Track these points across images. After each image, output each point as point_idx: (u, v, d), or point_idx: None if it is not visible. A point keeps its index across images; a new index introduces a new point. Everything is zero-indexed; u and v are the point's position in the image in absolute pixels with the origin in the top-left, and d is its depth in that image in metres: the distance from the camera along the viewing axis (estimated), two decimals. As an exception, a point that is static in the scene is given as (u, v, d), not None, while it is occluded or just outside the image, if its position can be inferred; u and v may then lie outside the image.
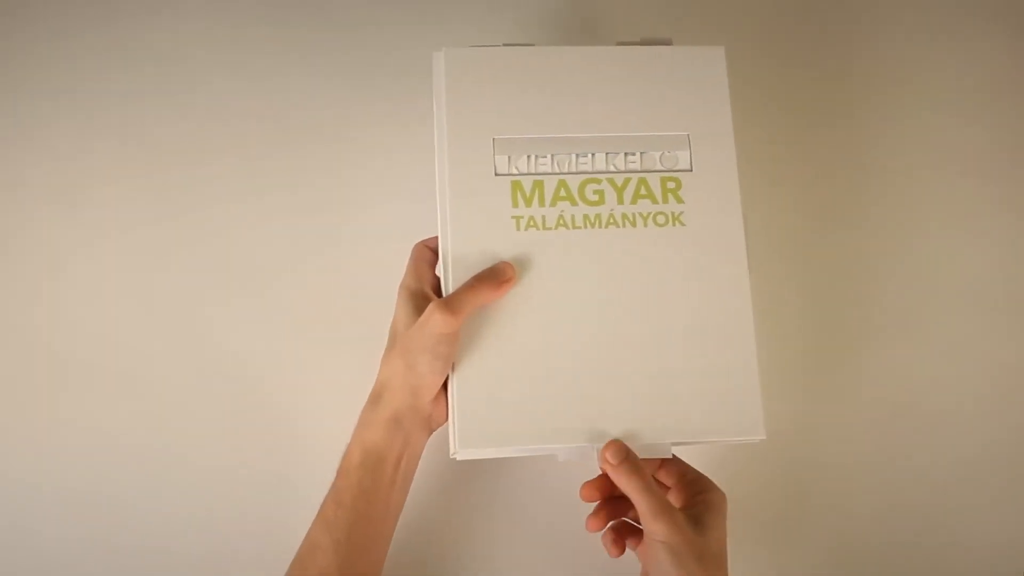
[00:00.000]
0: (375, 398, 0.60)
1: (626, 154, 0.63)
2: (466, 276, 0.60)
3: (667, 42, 0.66)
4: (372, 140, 0.76)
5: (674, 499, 0.60)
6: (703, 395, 0.60)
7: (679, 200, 0.63)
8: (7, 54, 0.77)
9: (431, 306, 0.57)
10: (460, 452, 0.60)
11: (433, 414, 0.60)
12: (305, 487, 0.68)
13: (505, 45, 0.65)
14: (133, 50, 0.77)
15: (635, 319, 0.61)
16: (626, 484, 0.57)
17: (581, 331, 0.61)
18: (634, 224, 0.62)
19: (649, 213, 0.63)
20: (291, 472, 0.69)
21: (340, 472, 0.59)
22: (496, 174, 0.63)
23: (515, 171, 0.63)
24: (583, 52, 0.65)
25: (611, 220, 0.62)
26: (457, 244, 0.61)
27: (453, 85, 0.63)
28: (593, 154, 0.63)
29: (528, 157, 0.63)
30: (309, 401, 0.70)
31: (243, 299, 0.72)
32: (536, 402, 0.59)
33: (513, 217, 0.62)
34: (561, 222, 0.62)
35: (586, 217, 0.62)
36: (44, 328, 0.71)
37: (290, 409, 0.70)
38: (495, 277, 0.59)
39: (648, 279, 0.61)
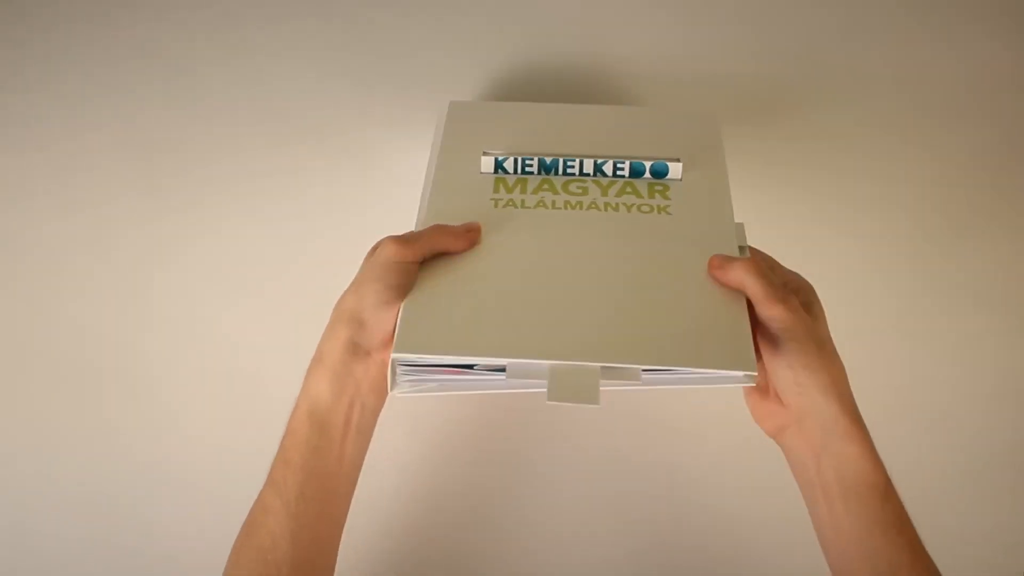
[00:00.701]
0: (318, 352, 0.55)
1: (616, 163, 0.62)
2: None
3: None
4: (372, 140, 0.76)
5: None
6: (682, 324, 0.52)
7: (665, 198, 0.60)
8: (7, 54, 0.77)
9: (385, 239, 0.55)
10: (396, 355, 0.52)
11: (386, 357, 0.54)
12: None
13: (508, 101, 0.67)
14: (134, 49, 0.77)
15: (612, 262, 0.56)
16: (737, 275, 0.53)
17: (549, 268, 0.55)
18: (616, 210, 0.59)
19: (633, 204, 0.60)
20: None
21: (287, 431, 0.55)
22: (481, 172, 0.61)
23: (500, 172, 0.61)
24: (585, 109, 0.67)
25: (593, 206, 0.60)
26: (431, 216, 0.58)
27: (451, 128, 0.64)
28: (581, 160, 0.62)
29: (515, 159, 0.61)
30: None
31: (243, 299, 0.72)
32: (488, 315, 0.53)
33: (492, 199, 0.60)
34: (541, 204, 0.60)
35: (567, 203, 0.60)
36: (44, 328, 0.71)
37: (290, 408, 0.70)
38: (459, 229, 0.56)
39: (632, 256, 0.56)
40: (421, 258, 0.55)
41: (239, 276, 0.73)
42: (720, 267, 0.54)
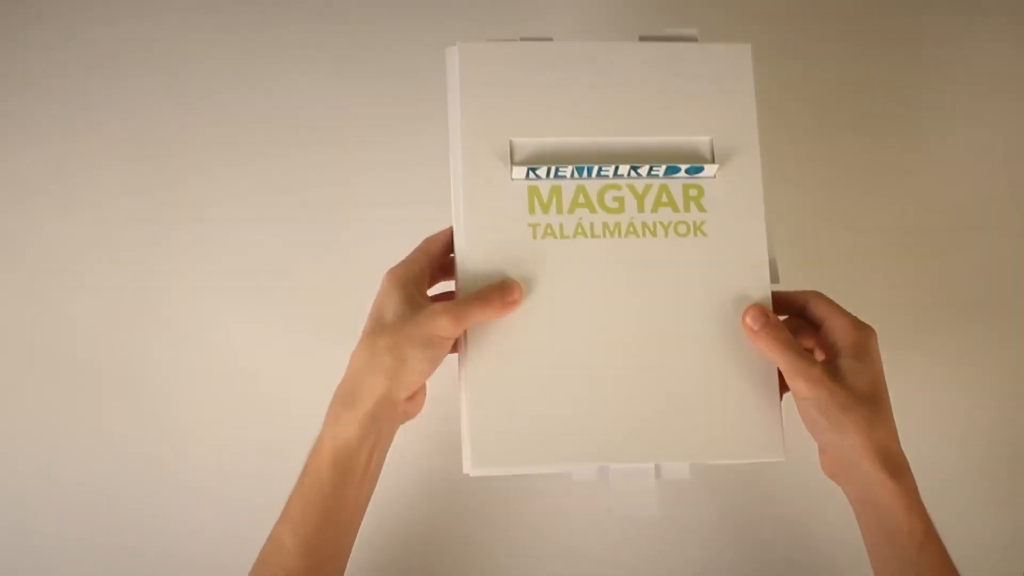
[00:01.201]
0: (349, 393, 0.57)
1: (651, 167, 0.60)
2: (476, 284, 0.58)
3: (693, 38, 0.63)
4: (374, 140, 0.76)
5: (817, 353, 0.61)
6: (722, 415, 0.58)
7: (701, 208, 0.61)
8: (7, 54, 0.77)
9: (439, 307, 0.56)
10: (474, 470, 0.58)
11: (408, 409, 0.59)
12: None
13: (522, 40, 0.62)
14: (134, 49, 0.77)
15: (653, 336, 0.59)
16: (766, 348, 0.57)
17: (596, 347, 0.59)
18: (654, 234, 0.60)
19: (670, 222, 0.60)
20: (290, 472, 0.69)
21: (308, 469, 0.57)
22: (512, 179, 0.60)
23: (532, 177, 0.60)
24: (603, 48, 0.62)
25: (631, 229, 0.60)
26: (472, 251, 0.59)
27: (468, 82, 0.60)
28: (617, 167, 0.60)
29: (548, 168, 0.60)
30: (309, 402, 0.70)
31: (244, 299, 0.72)
32: (550, 421, 0.58)
33: (530, 225, 0.60)
34: (580, 230, 0.60)
35: (605, 225, 0.60)
36: (44, 328, 0.71)
37: (290, 410, 0.70)
38: (503, 296, 0.58)
39: (667, 294, 0.60)
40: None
41: (240, 276, 0.73)
42: (753, 329, 0.58)
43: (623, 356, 0.59)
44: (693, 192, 0.61)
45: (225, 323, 0.72)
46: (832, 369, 0.57)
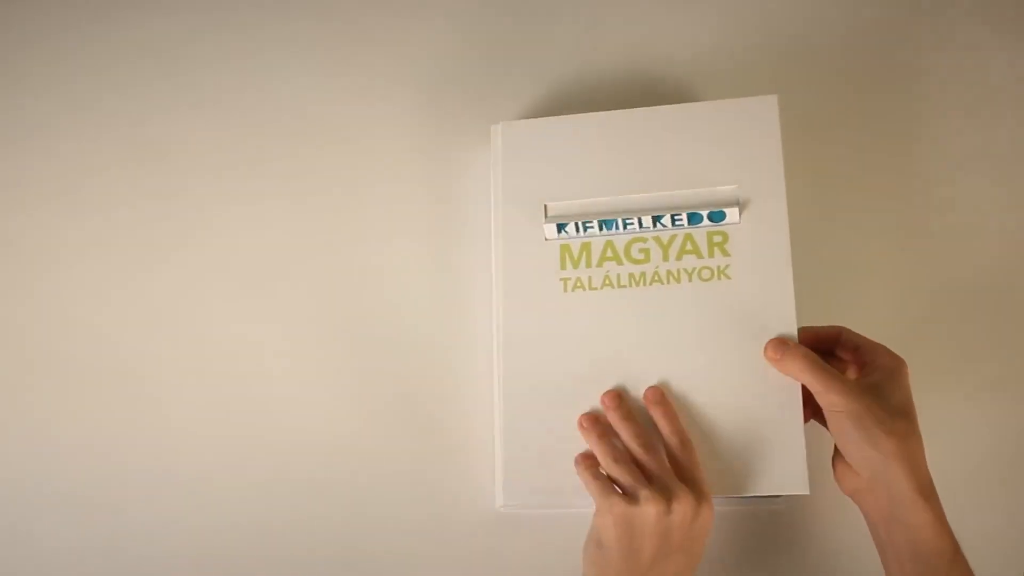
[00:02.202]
0: None
1: (673, 216, 0.63)
2: (522, 350, 0.62)
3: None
4: (374, 141, 0.76)
5: (851, 373, 0.61)
6: (748, 450, 0.60)
7: (725, 253, 0.62)
8: (7, 54, 0.77)
9: (692, 499, 0.56)
10: (506, 505, 0.61)
11: None
12: (304, 488, 0.68)
13: (558, 117, 0.67)
14: (134, 49, 0.77)
15: (680, 381, 0.61)
16: (793, 369, 0.58)
17: (624, 390, 0.61)
18: (679, 280, 0.62)
19: (694, 268, 0.62)
20: (289, 473, 0.69)
21: None
22: (546, 238, 0.64)
23: (564, 235, 0.63)
24: (634, 114, 0.66)
25: (656, 277, 0.62)
26: (508, 305, 0.63)
27: (508, 157, 0.66)
28: (639, 217, 0.63)
29: (575, 224, 0.63)
30: (309, 403, 0.70)
31: (243, 299, 0.72)
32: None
33: (561, 279, 0.63)
34: (607, 282, 0.63)
35: (631, 276, 0.63)
36: (44, 328, 0.71)
37: (289, 410, 0.70)
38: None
39: (694, 339, 0.61)
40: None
41: (240, 277, 0.72)
42: (776, 358, 0.59)
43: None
44: (718, 239, 0.62)
45: (226, 324, 0.71)
46: (867, 384, 0.58)
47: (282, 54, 0.77)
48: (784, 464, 0.59)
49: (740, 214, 0.62)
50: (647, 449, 0.58)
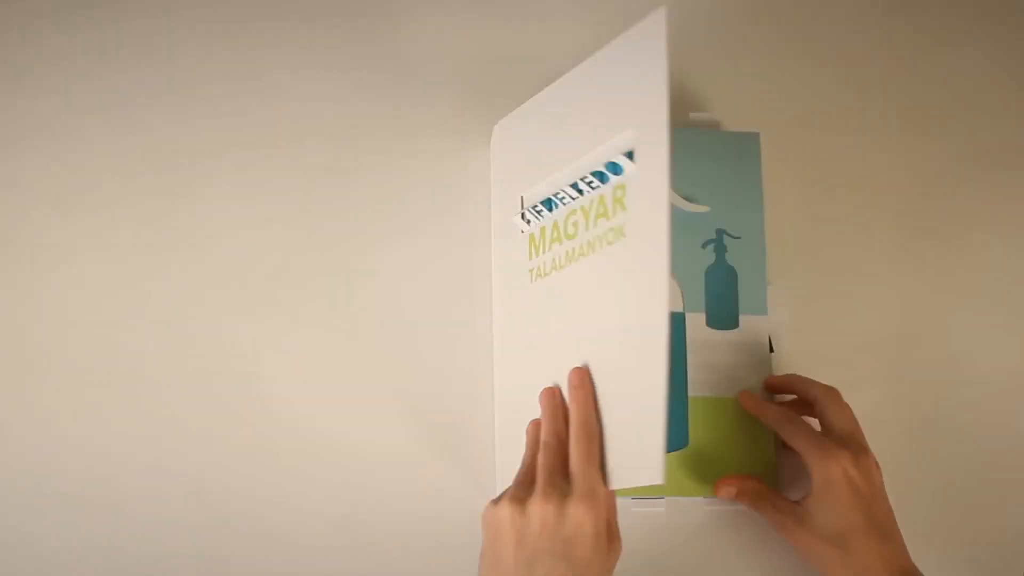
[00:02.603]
0: None
1: (583, 179, 0.59)
2: (509, 347, 0.63)
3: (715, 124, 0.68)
4: (374, 140, 0.76)
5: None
6: (619, 440, 0.54)
7: (624, 208, 0.56)
8: (7, 54, 0.77)
9: (555, 498, 0.51)
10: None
11: None
12: (304, 488, 0.68)
13: (525, 104, 0.66)
14: (134, 49, 0.77)
15: (597, 364, 0.56)
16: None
17: (557, 381, 0.59)
18: (594, 249, 0.58)
19: (604, 233, 0.57)
20: (289, 473, 0.69)
21: None
22: (521, 232, 0.64)
23: (529, 225, 0.63)
24: (561, 82, 0.63)
25: (581, 252, 0.59)
26: (498, 308, 0.65)
27: (497, 153, 0.67)
28: (564, 189, 0.60)
29: (526, 211, 0.63)
30: (309, 403, 0.70)
31: (243, 300, 0.72)
32: None
33: (528, 270, 0.62)
34: (554, 265, 0.61)
35: (568, 254, 0.60)
36: (43, 328, 0.71)
37: (289, 410, 0.70)
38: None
39: (605, 315, 0.56)
40: None
41: (240, 277, 0.73)
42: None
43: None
44: (619, 193, 0.57)
45: (226, 324, 0.71)
46: (802, 514, 0.59)
47: (283, 54, 0.77)
48: (641, 452, 0.52)
49: (633, 159, 0.55)
50: (544, 446, 0.54)
